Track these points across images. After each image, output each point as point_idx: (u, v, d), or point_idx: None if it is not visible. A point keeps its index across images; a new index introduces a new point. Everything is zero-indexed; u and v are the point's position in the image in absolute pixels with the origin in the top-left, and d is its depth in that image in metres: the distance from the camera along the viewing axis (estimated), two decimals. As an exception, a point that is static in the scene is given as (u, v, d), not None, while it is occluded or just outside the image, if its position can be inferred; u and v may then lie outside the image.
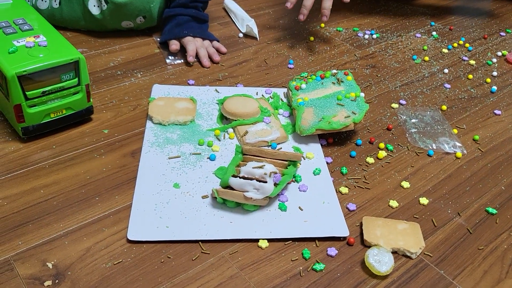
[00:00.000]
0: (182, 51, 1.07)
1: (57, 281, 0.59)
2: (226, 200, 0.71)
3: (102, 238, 0.66)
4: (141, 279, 0.61)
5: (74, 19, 1.08)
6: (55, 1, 1.07)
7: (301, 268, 0.64)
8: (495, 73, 1.11)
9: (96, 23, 1.08)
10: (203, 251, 0.65)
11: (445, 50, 1.20)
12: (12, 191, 0.71)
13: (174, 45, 1.05)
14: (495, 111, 0.98)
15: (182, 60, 1.05)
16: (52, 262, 0.62)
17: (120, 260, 0.63)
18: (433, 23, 1.33)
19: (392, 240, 0.67)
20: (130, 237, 0.65)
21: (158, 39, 1.11)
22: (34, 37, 0.80)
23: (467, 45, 1.23)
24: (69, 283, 0.59)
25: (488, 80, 1.08)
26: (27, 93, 0.75)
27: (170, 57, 1.06)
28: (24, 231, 0.65)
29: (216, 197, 0.70)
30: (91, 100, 0.83)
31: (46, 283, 0.59)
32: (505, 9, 1.48)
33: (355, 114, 0.84)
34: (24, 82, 0.74)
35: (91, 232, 0.66)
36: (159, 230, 0.67)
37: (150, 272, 0.62)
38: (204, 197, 0.72)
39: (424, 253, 0.67)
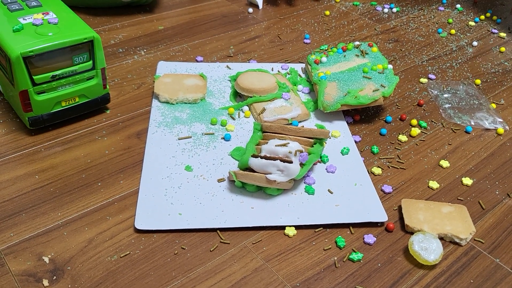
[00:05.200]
0: None
1: (54, 277, 0.51)
2: (246, 183, 0.62)
3: (106, 227, 0.57)
4: (152, 274, 0.53)
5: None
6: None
7: (335, 258, 0.56)
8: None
9: (94, -2, 0.99)
10: (222, 240, 0.57)
11: (472, 23, 1.11)
12: (3, 177, 0.63)
13: None
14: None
15: None
16: (49, 256, 0.53)
17: (128, 253, 0.55)
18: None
19: (437, 225, 0.59)
20: (138, 226, 0.57)
21: None
22: (43, 13, 0.70)
23: (494, 17, 1.14)
24: (69, 279, 0.51)
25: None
26: (34, 77, 0.65)
27: None
28: (16, 221, 0.57)
29: (234, 181, 0.62)
30: (108, 86, 0.74)
31: (44, 282, 0.50)
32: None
33: (384, 87, 0.76)
34: (30, 64, 0.64)
35: (93, 221, 0.58)
36: (171, 218, 0.58)
37: (162, 266, 0.53)
38: (220, 180, 0.64)
39: (475, 239, 0.59)
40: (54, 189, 0.62)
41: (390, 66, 0.80)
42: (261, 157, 0.62)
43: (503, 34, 1.06)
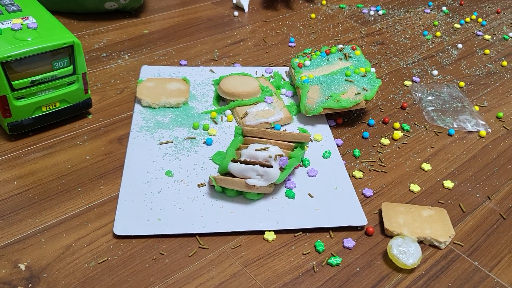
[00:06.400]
0: None
1: (30, 285, 0.51)
2: (226, 188, 0.62)
3: (85, 233, 0.57)
4: (129, 280, 0.52)
5: (53, 0, 0.99)
6: (31, -21, 0.98)
7: (314, 262, 0.56)
8: (512, 48, 1.03)
9: (76, 4, 0.99)
10: (201, 246, 0.56)
11: (457, 25, 1.11)
12: (-18, 183, 0.62)
13: None
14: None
15: None
16: (25, 263, 0.53)
17: (106, 259, 0.54)
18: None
19: (417, 228, 0.59)
20: (117, 232, 0.57)
21: None
22: (22, 18, 0.69)
23: (480, 19, 1.14)
24: (45, 286, 0.51)
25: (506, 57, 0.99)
26: (13, 82, 0.65)
27: None
28: (-7, 228, 0.57)
29: (214, 186, 0.62)
30: (89, 91, 0.73)
31: (18, 288, 0.50)
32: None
33: (366, 90, 0.76)
34: (9, 69, 0.64)
35: (72, 228, 0.58)
36: (150, 223, 0.58)
37: (140, 271, 0.53)
38: (200, 185, 0.64)
39: (454, 242, 0.59)
40: (33, 195, 0.61)
41: (373, 69, 0.80)
42: (241, 162, 0.62)
43: (487, 37, 1.07)
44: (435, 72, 0.91)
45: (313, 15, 1.10)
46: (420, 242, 0.58)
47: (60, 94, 0.70)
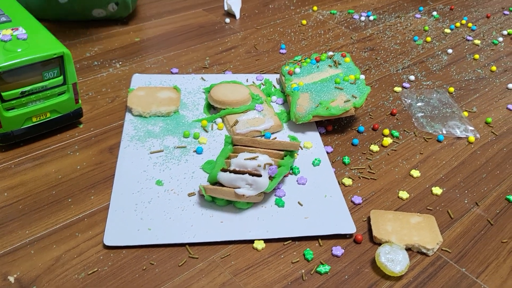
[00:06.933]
0: None
1: (20, 297, 0.51)
2: (216, 197, 0.62)
3: (75, 244, 0.57)
4: (119, 291, 0.53)
5: (40, 8, 0.99)
6: (19, -12, 0.98)
7: (303, 271, 0.56)
8: (502, 52, 1.03)
9: (64, 12, 0.99)
10: (190, 255, 0.57)
11: (448, 30, 1.12)
12: (-28, 195, 0.63)
13: None
14: (506, 92, 0.90)
15: None
16: (15, 276, 0.53)
17: (95, 269, 0.54)
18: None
19: (405, 235, 0.59)
20: (107, 243, 0.57)
21: None
22: (12, 29, 0.70)
23: (470, 24, 1.15)
24: (35, 299, 0.51)
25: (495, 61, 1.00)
26: (3, 93, 0.65)
27: None
28: (-17, 240, 0.57)
29: (204, 195, 0.62)
30: (80, 101, 0.74)
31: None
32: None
33: (355, 98, 0.76)
34: None
35: (62, 239, 0.58)
36: (140, 234, 0.58)
37: (130, 282, 0.53)
38: (190, 194, 0.64)
39: (442, 249, 0.59)
40: (23, 206, 0.61)
41: (362, 76, 0.80)
42: (230, 171, 0.62)
43: (477, 42, 1.08)
44: (412, 78, 0.92)
45: (304, 22, 1.11)
46: (408, 249, 0.59)
47: (51, 105, 0.70)
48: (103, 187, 0.65)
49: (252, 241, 0.59)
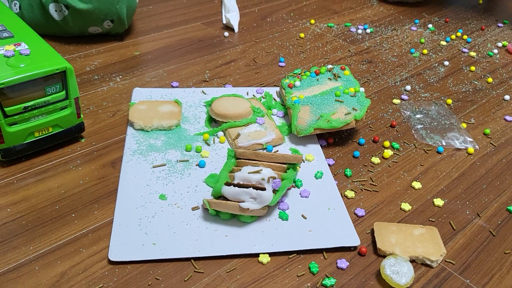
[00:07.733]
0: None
1: (25, 314, 0.51)
2: (220, 211, 0.62)
3: (80, 260, 0.57)
4: (125, 307, 0.52)
5: (36, 25, 0.99)
6: (15, 6, 0.98)
7: (309, 284, 0.56)
8: (497, 64, 1.05)
9: (60, 29, 0.99)
10: (196, 270, 0.57)
11: (444, 43, 1.13)
12: (-25, 211, 0.62)
13: None
14: (503, 103, 0.92)
15: None
16: (20, 292, 0.53)
17: (101, 285, 0.54)
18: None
19: (409, 247, 0.59)
20: (112, 258, 0.57)
21: None
22: (15, 45, 0.70)
23: (465, 37, 1.16)
24: (40, 316, 0.51)
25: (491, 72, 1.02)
26: (5, 109, 0.65)
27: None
28: (-13, 256, 0.57)
29: (208, 209, 0.62)
30: (82, 115, 0.74)
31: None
32: (499, 0, 1.43)
33: (355, 110, 0.77)
34: (2, 96, 0.64)
35: (66, 254, 0.58)
36: (145, 248, 0.58)
37: (135, 298, 0.53)
38: (194, 208, 0.64)
39: (446, 261, 0.60)
40: (26, 222, 0.61)
41: (362, 89, 0.81)
42: (234, 185, 0.62)
43: (473, 54, 1.09)
44: (408, 87, 0.93)
45: (302, 35, 1.12)
46: (412, 261, 0.59)
47: (53, 119, 0.70)
48: (107, 201, 0.65)
49: (257, 255, 0.59)
